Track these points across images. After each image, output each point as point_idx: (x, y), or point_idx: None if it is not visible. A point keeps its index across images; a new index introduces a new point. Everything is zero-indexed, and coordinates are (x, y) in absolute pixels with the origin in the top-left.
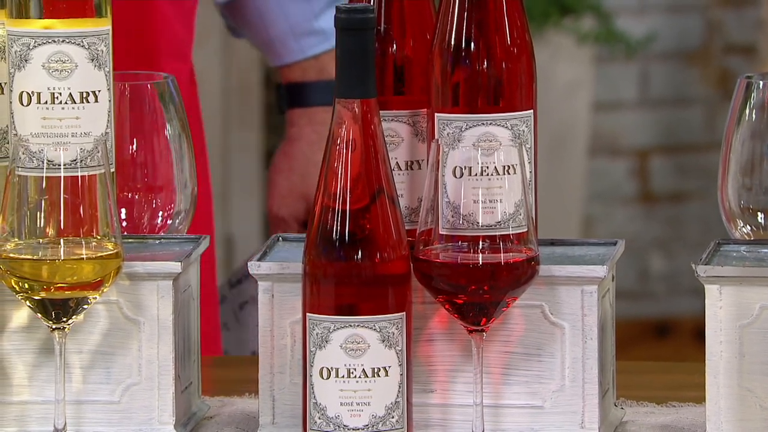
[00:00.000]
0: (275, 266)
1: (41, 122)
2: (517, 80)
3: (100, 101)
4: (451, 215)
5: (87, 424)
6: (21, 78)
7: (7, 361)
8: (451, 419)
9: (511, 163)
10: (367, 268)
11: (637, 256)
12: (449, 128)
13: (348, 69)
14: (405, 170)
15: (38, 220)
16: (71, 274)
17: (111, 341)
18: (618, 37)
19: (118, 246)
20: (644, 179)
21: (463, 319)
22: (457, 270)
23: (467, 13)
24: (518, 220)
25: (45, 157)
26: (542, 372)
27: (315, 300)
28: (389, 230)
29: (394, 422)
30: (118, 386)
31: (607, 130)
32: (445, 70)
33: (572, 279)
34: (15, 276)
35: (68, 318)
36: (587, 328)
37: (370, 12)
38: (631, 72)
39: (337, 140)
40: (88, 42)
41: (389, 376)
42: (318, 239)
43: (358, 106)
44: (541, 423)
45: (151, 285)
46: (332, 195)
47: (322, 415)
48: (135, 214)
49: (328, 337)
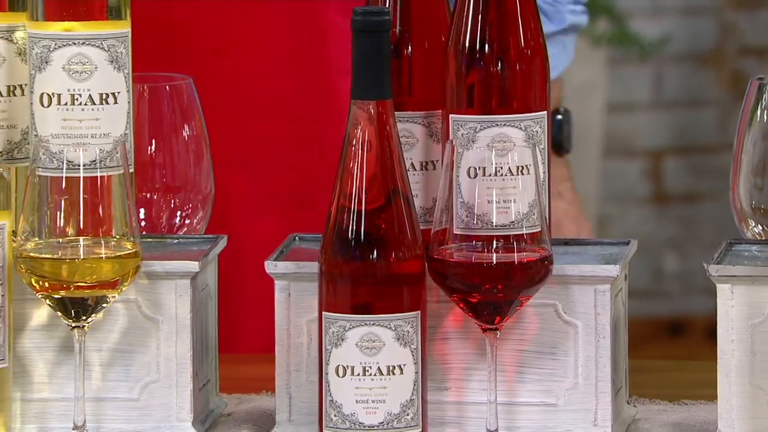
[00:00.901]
0: (291, 266)
1: (61, 123)
2: (531, 82)
3: (120, 102)
4: (466, 215)
5: (106, 421)
6: (41, 80)
7: (27, 358)
8: (465, 416)
9: (525, 163)
10: (383, 268)
11: (651, 256)
12: (464, 129)
13: (364, 70)
14: (420, 171)
15: (58, 219)
16: (90, 273)
17: (130, 339)
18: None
19: (137, 245)
20: (658, 180)
21: (478, 317)
22: (472, 269)
23: (481, 15)
24: (532, 220)
25: (65, 158)
26: (556, 370)
27: (331, 299)
28: (404, 230)
29: (409, 419)
30: (136, 384)
31: (621, 132)
32: (460, 71)
33: (585, 278)
34: (35, 275)
35: (87, 316)
36: (600, 327)
37: (386, 14)
38: (645, 74)
39: (353, 141)
40: (108, 44)
41: (404, 374)
42: (334, 239)
43: (374, 107)
44: (555, 420)
45: (169, 284)
46: (348, 195)
47: (338, 412)
48: (153, 213)
49: (344, 336)
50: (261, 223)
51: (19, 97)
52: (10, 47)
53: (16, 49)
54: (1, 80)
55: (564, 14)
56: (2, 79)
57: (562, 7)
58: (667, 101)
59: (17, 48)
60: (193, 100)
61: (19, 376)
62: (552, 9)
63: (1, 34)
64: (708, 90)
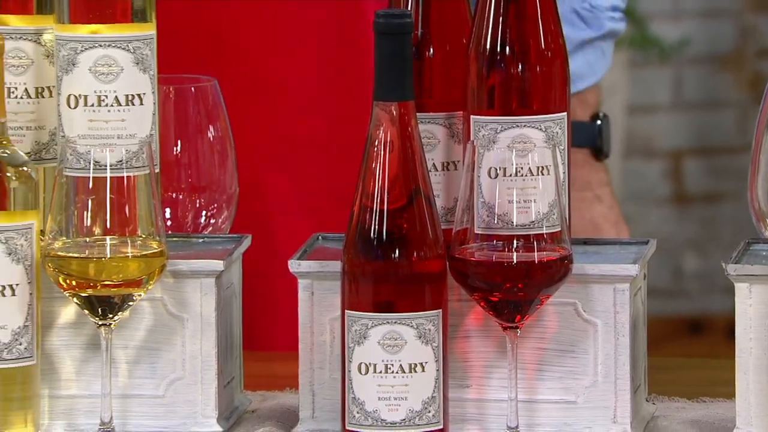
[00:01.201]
0: (315, 264)
1: (88, 124)
2: (551, 84)
3: (145, 104)
4: (487, 215)
5: (132, 418)
6: (68, 81)
7: (55, 356)
8: (486, 414)
9: (545, 164)
10: (405, 267)
11: (671, 256)
12: (484, 130)
13: (386, 72)
14: (441, 171)
15: (85, 219)
16: (117, 271)
17: (156, 337)
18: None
19: (163, 244)
20: (678, 180)
21: (498, 316)
22: (492, 268)
23: (502, 18)
24: (552, 220)
25: (92, 158)
26: (575, 368)
27: (354, 297)
28: (426, 229)
29: (430, 417)
30: (162, 381)
31: (641, 133)
32: (481, 73)
33: (605, 277)
34: (63, 273)
35: (114, 314)
36: (619, 326)
37: (408, 17)
38: (665, 76)
39: (375, 142)
40: (134, 46)
41: (426, 371)
42: (357, 238)
43: (396, 108)
44: (575, 418)
45: (194, 282)
46: (370, 195)
47: (361, 409)
48: (179, 213)
49: (367, 334)
50: (286, 223)
51: (47, 99)
52: (38, 49)
53: (44, 51)
54: (30, 82)
55: (603, 20)
56: (30, 81)
57: (600, 13)
58: (687, 103)
59: (45, 50)
60: (218, 102)
61: (47, 373)
62: (591, 15)
63: (30, 37)
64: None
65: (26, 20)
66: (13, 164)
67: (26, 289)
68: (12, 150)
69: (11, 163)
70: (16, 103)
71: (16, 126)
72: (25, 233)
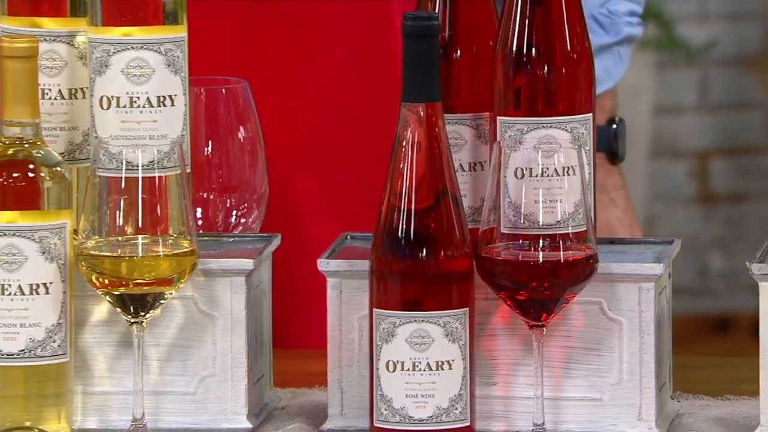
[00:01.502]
0: (343, 263)
1: (120, 125)
2: (577, 85)
3: (177, 105)
4: (513, 215)
5: (164, 414)
6: (101, 83)
7: (88, 353)
8: (512, 411)
9: (571, 164)
10: (432, 266)
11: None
12: (511, 131)
13: (413, 74)
14: (468, 171)
15: (117, 218)
16: (149, 270)
17: (187, 335)
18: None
19: (194, 244)
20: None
21: (525, 314)
22: (519, 267)
23: (528, 20)
24: (577, 220)
25: (124, 159)
26: (601, 366)
27: (381, 296)
28: (453, 229)
29: (457, 414)
30: (193, 378)
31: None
32: (507, 75)
33: (630, 276)
34: (95, 272)
35: (146, 312)
36: (644, 324)
37: (435, 19)
38: (692, 77)
39: (403, 142)
40: (165, 48)
41: (453, 369)
42: (384, 237)
43: (423, 109)
44: (600, 415)
45: (225, 281)
46: (398, 195)
47: (389, 406)
48: (210, 213)
49: (394, 332)
50: (315, 222)
51: (80, 100)
52: (72, 51)
53: (77, 53)
54: (63, 84)
55: (620, 26)
56: (64, 83)
57: (618, 18)
58: (713, 104)
59: (78, 52)
60: (248, 103)
61: (80, 370)
62: (609, 21)
63: (63, 39)
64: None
65: (60, 23)
66: (47, 164)
67: (60, 288)
68: (46, 150)
69: (45, 163)
70: (50, 104)
71: (50, 127)
72: (58, 232)
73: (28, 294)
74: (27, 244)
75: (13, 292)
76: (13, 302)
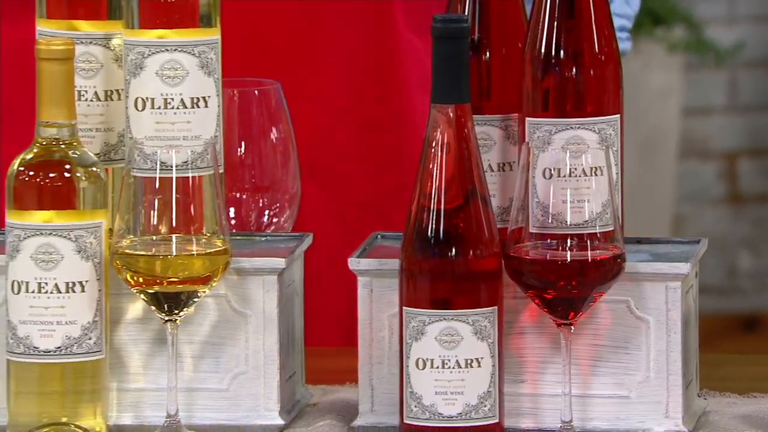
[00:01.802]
0: (374, 263)
1: (155, 126)
2: (605, 87)
3: (210, 106)
4: (541, 214)
5: (197, 410)
6: (136, 85)
7: (123, 350)
8: (540, 408)
9: (598, 165)
10: (461, 265)
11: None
12: (539, 132)
13: (443, 76)
14: (497, 172)
15: (152, 218)
16: (183, 269)
17: (220, 332)
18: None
19: (227, 243)
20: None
21: (553, 313)
22: (547, 266)
23: (557, 22)
24: (605, 219)
25: (158, 159)
26: (628, 364)
27: (411, 294)
28: (482, 228)
29: (486, 411)
30: (226, 375)
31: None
32: (536, 76)
33: (657, 275)
34: (130, 271)
35: (180, 310)
36: (671, 323)
37: (465, 22)
38: (720, 79)
39: (433, 143)
40: (199, 50)
41: (482, 366)
42: (414, 237)
43: (453, 111)
44: (627, 412)
45: (257, 280)
46: (428, 195)
47: (418, 403)
48: (243, 212)
49: (424, 330)
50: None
51: (116, 102)
52: (107, 54)
53: (113, 55)
54: (99, 85)
55: None
56: (100, 85)
57: None
58: (741, 105)
59: (114, 54)
60: (280, 104)
61: (115, 367)
62: None
63: (99, 42)
64: None
65: (96, 26)
66: (83, 165)
67: (95, 286)
68: (82, 151)
69: (81, 163)
70: (86, 105)
71: (86, 128)
72: (94, 232)
73: (64, 292)
74: (63, 243)
75: (50, 290)
76: (50, 300)
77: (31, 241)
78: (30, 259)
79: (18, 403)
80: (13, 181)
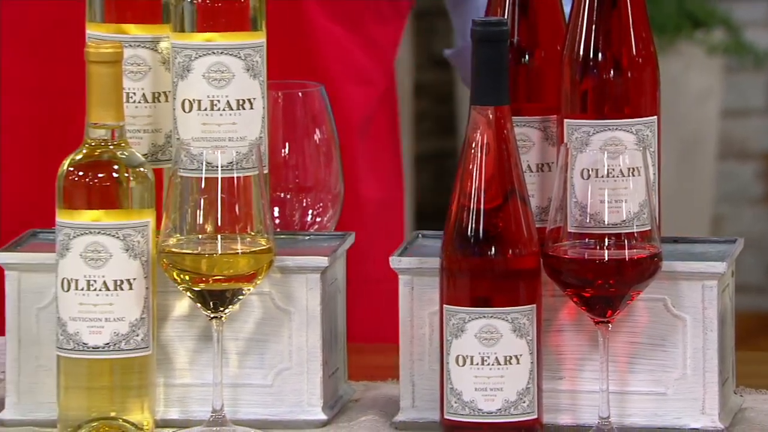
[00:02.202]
0: (415, 261)
1: (201, 127)
2: (642, 89)
3: (255, 108)
4: (579, 214)
5: (242, 406)
6: (183, 87)
7: (170, 347)
8: (579, 404)
9: (636, 165)
10: (500, 263)
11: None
12: (577, 133)
13: (483, 78)
14: (536, 172)
15: (198, 217)
16: (228, 267)
17: (264, 329)
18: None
19: (271, 242)
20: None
21: (590, 311)
22: (585, 265)
23: (595, 25)
24: (642, 219)
25: (204, 160)
26: (665, 361)
27: (451, 292)
28: (521, 228)
29: (525, 407)
30: (270, 371)
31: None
32: (574, 79)
33: (693, 274)
34: (177, 269)
35: (225, 308)
36: (708, 321)
37: (504, 25)
38: (759, 81)
39: (473, 144)
40: (245, 53)
41: (521, 363)
42: (455, 236)
43: (492, 112)
44: (665, 409)
45: (300, 278)
46: (468, 195)
47: (458, 399)
48: (287, 212)
49: (464, 327)
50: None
51: (163, 103)
52: (155, 56)
53: (160, 58)
54: (147, 87)
55: None
56: (147, 87)
57: None
58: None
59: (161, 57)
60: (323, 106)
61: (162, 363)
62: None
63: (147, 45)
64: None
65: (144, 29)
66: (131, 165)
67: (143, 284)
68: (130, 152)
69: (129, 164)
70: (134, 107)
71: (134, 129)
72: (141, 230)
73: (112, 289)
74: (111, 241)
75: (99, 287)
76: (99, 297)
77: (80, 240)
78: (79, 258)
79: (68, 398)
80: (62, 182)
